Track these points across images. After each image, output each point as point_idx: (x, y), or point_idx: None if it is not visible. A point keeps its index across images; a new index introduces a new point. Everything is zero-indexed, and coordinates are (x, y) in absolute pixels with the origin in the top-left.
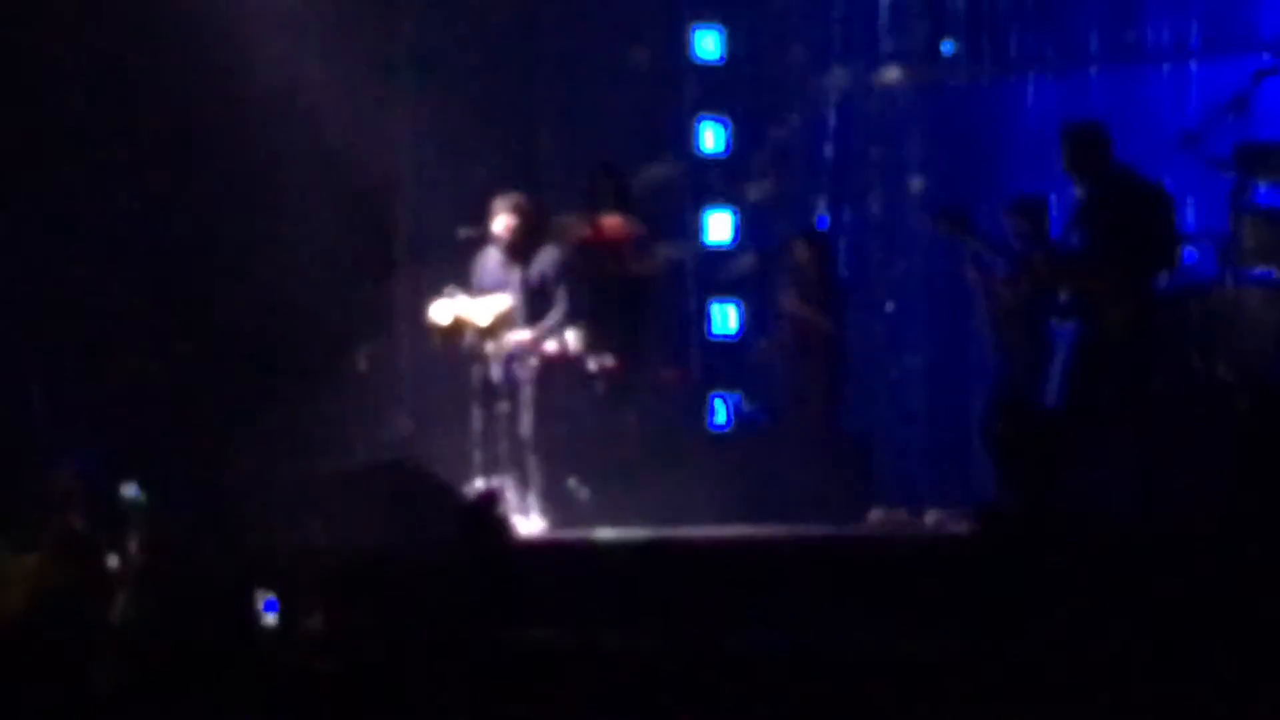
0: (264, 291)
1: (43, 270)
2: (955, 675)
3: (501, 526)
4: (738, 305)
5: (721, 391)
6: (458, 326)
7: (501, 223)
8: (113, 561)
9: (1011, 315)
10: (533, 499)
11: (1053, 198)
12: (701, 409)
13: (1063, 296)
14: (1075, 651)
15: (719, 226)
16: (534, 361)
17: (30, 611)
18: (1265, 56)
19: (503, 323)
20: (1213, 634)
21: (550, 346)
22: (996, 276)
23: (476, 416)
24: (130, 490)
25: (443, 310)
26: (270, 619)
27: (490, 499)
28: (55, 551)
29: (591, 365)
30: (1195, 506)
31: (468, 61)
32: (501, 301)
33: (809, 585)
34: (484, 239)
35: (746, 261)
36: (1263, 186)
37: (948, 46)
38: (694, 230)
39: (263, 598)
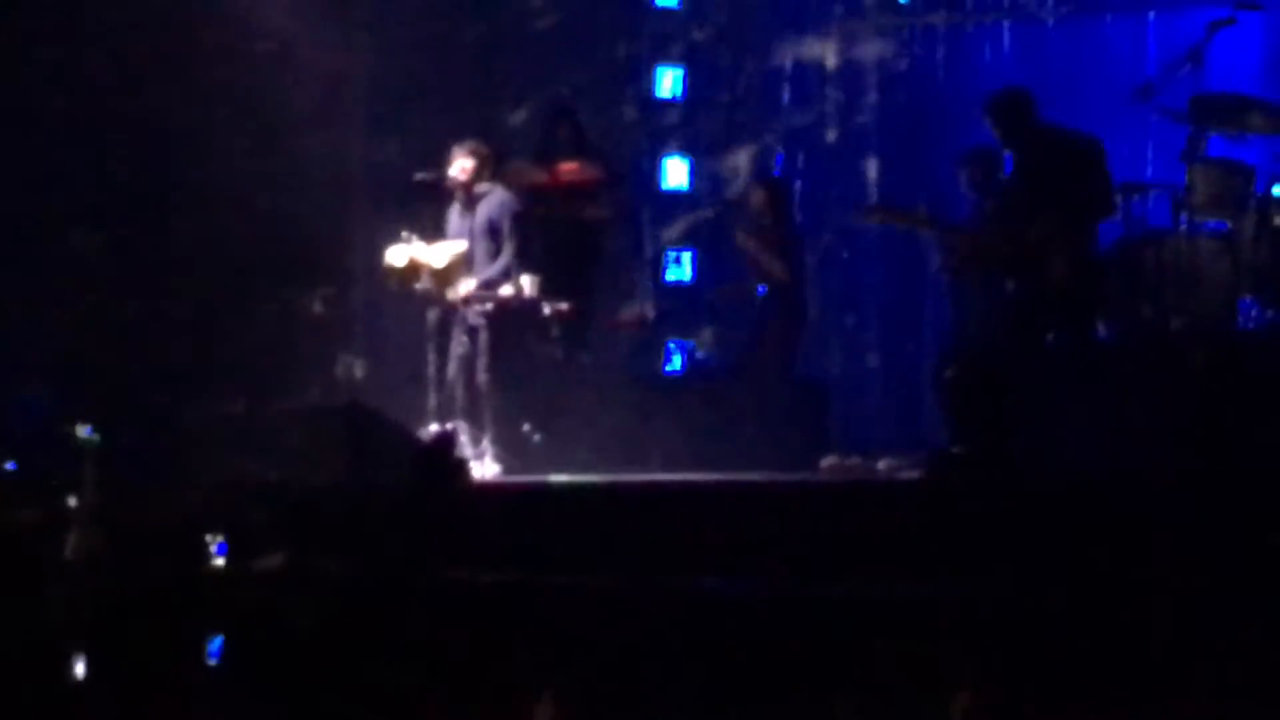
0: (219, 232)
1: None
2: (907, 619)
3: (458, 470)
4: (693, 252)
5: (676, 338)
6: (413, 270)
7: (458, 167)
8: (70, 500)
9: (965, 265)
10: (487, 443)
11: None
12: (656, 355)
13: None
14: (1024, 597)
15: (675, 172)
16: (488, 306)
17: None
18: (1220, 8)
19: (457, 267)
20: (1161, 583)
21: (504, 291)
22: (951, 231)
23: (431, 361)
24: (84, 430)
25: (398, 254)
26: (219, 560)
27: (446, 442)
28: None
29: (546, 310)
30: (1145, 455)
31: (426, 4)
32: (456, 246)
33: (761, 531)
34: (440, 183)
35: (703, 209)
36: (1217, 138)
37: None
38: (651, 175)
39: (213, 540)
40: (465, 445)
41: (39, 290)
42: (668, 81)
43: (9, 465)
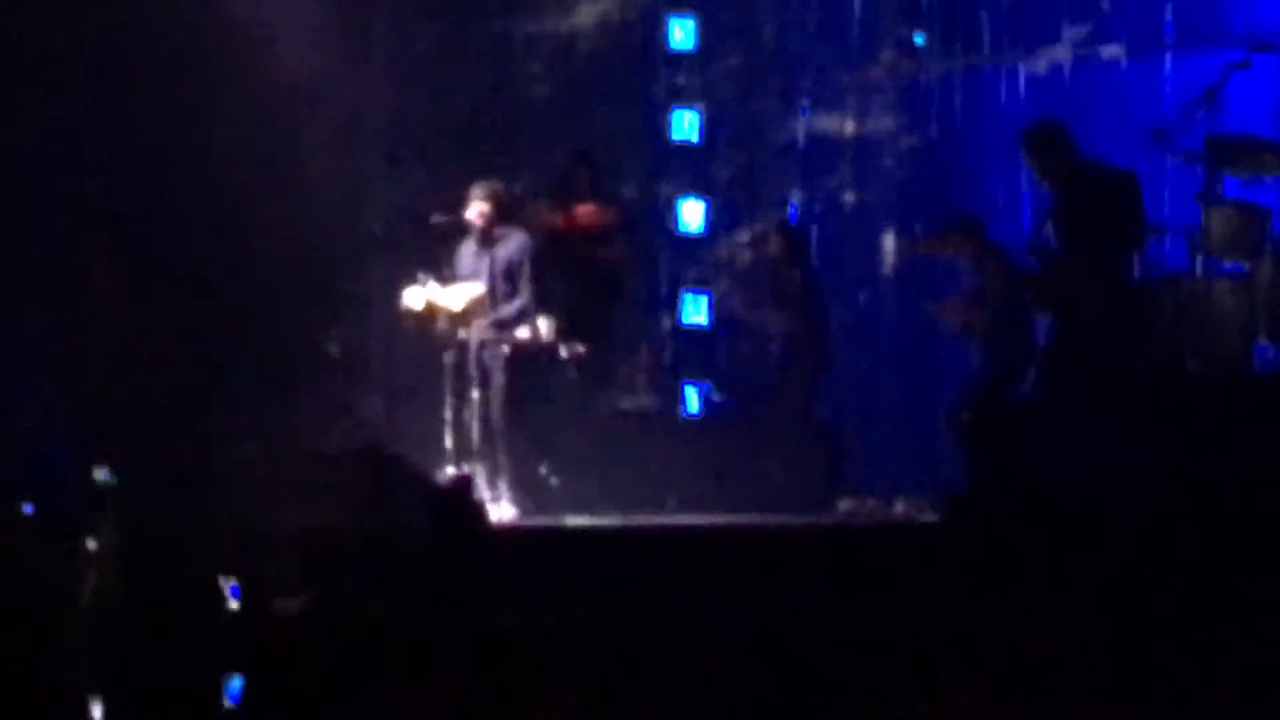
0: (236, 275)
1: (16, 257)
2: (922, 658)
3: (477, 513)
4: (709, 295)
5: (692, 379)
6: (430, 312)
7: (475, 209)
8: (90, 544)
9: (998, 318)
10: (503, 486)
11: (1026, 192)
12: (673, 397)
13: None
14: (1040, 636)
15: (692, 215)
16: (505, 349)
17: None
18: (1236, 50)
19: (475, 309)
20: (1177, 621)
21: (521, 334)
22: (960, 303)
23: (448, 403)
24: (102, 473)
25: (415, 296)
26: (233, 603)
27: (464, 486)
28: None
29: (563, 352)
30: (1163, 494)
31: (444, 47)
32: (474, 288)
33: (777, 573)
34: (458, 226)
35: (719, 250)
36: (1232, 180)
37: (920, 38)
38: (668, 218)
39: (226, 583)
40: (482, 487)
41: (58, 333)
42: (684, 124)
43: (27, 508)
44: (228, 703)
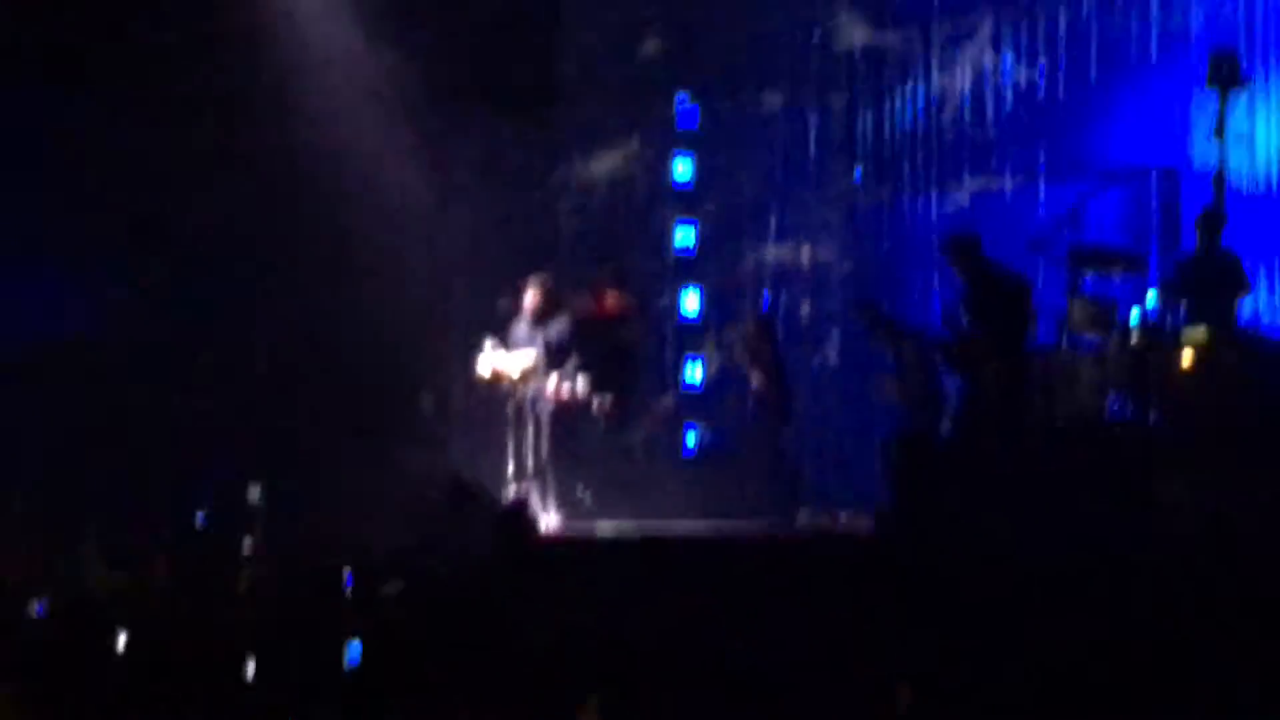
0: (359, 352)
1: (198, 327)
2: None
3: (531, 528)
4: (703, 362)
5: (690, 423)
6: (496, 377)
7: (530, 297)
8: (245, 546)
9: (908, 378)
10: (550, 501)
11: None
12: (676, 438)
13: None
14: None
15: (690, 303)
16: (551, 402)
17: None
18: (1091, 181)
19: (529, 373)
20: (1047, 618)
21: (563, 392)
22: (886, 379)
23: (510, 441)
24: (254, 493)
25: (485, 364)
26: (349, 589)
27: (521, 506)
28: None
29: (594, 406)
30: (1043, 514)
31: (510, 179)
32: (528, 356)
33: (749, 567)
34: (517, 309)
35: (711, 331)
36: (1088, 277)
37: (858, 173)
38: (672, 306)
39: (345, 573)
40: (535, 501)
41: (227, 398)
42: (684, 236)
43: (200, 518)
44: (348, 664)
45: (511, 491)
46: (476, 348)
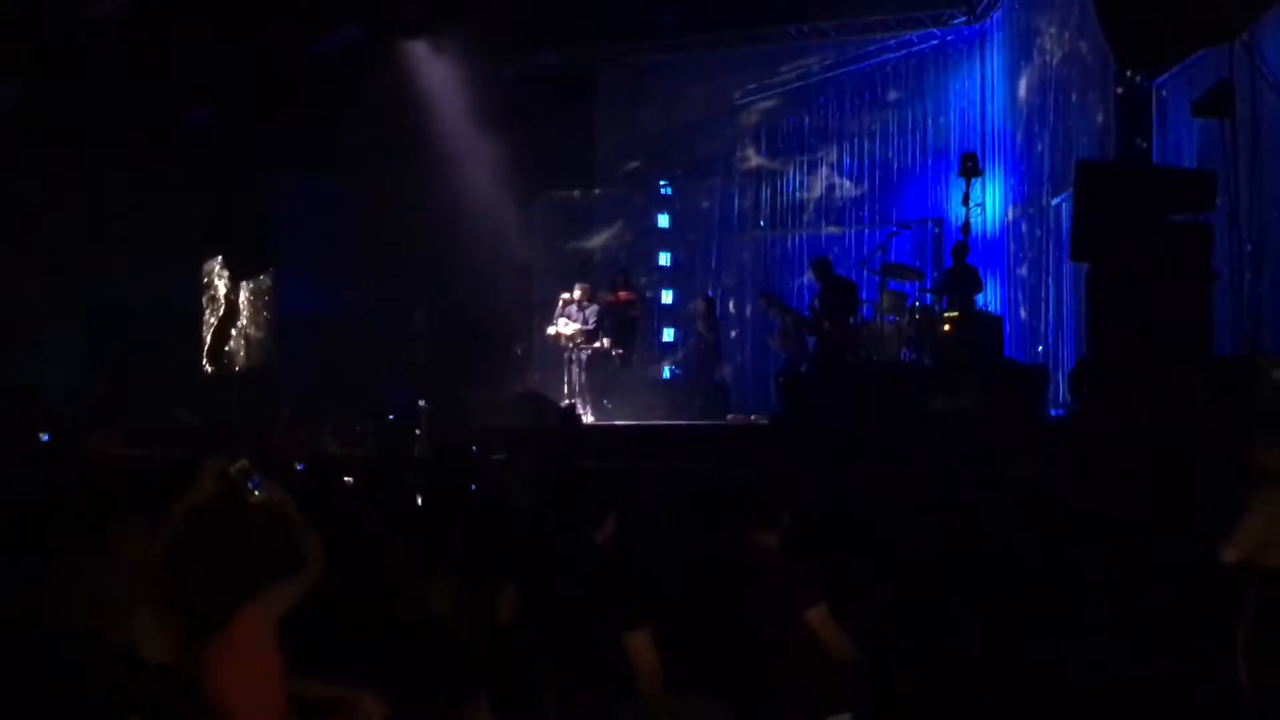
0: (484, 322)
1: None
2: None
3: (577, 419)
4: (674, 329)
5: (665, 364)
6: (557, 337)
7: (577, 292)
8: (417, 433)
9: (789, 336)
10: (587, 407)
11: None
12: (658, 370)
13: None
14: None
15: (667, 297)
16: (588, 352)
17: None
18: (893, 227)
19: (576, 335)
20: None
21: (595, 345)
22: (777, 336)
23: (566, 373)
24: (421, 403)
25: (551, 329)
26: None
27: (571, 409)
28: None
29: (614, 354)
30: (863, 421)
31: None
32: (575, 325)
33: (698, 443)
34: (570, 296)
35: (680, 311)
36: (891, 281)
37: (762, 223)
38: (656, 298)
39: (471, 447)
40: (579, 407)
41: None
42: (664, 258)
43: (390, 418)
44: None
45: (566, 401)
46: (547, 320)
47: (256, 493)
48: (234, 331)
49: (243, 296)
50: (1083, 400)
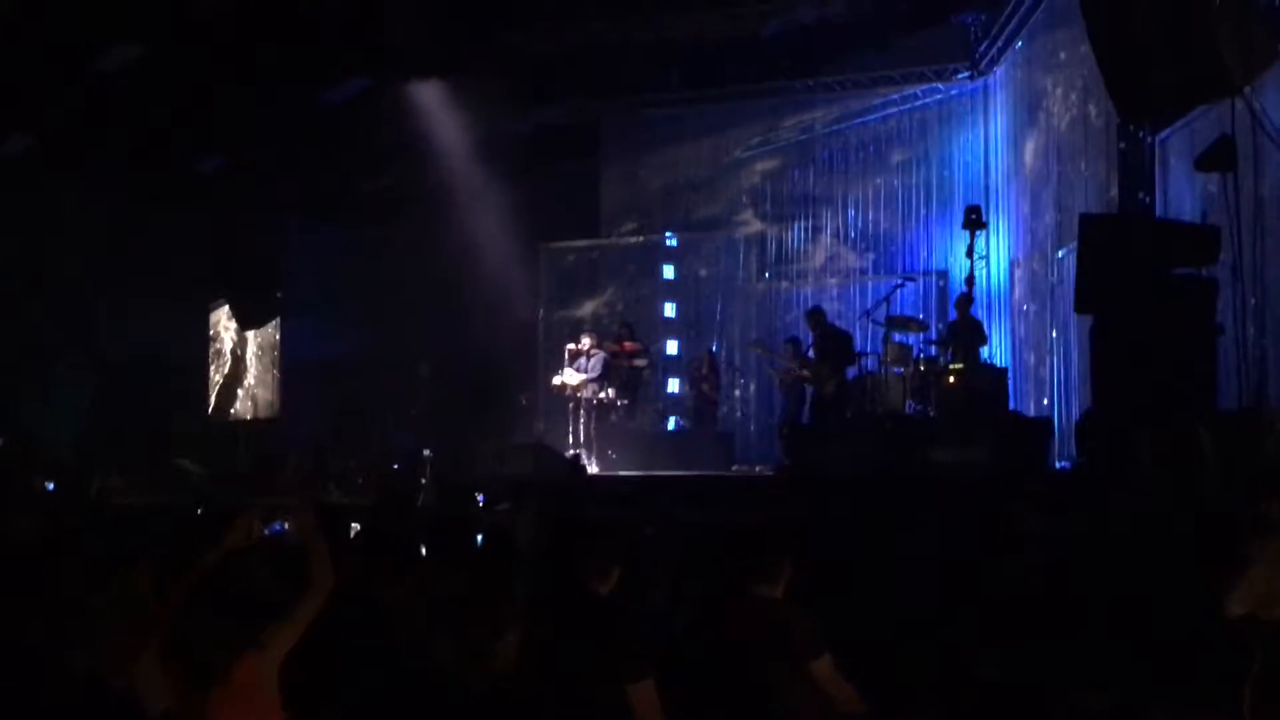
0: (486, 369)
1: (397, 353)
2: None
3: (583, 470)
4: (679, 380)
5: (670, 414)
6: (563, 387)
7: (584, 342)
8: (422, 481)
9: (788, 386)
10: (592, 457)
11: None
12: (663, 423)
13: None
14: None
15: (671, 348)
16: (595, 402)
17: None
18: (896, 278)
19: (582, 385)
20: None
21: (601, 396)
22: (781, 372)
23: (571, 423)
24: (426, 451)
25: (558, 379)
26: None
27: (577, 459)
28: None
29: (619, 404)
30: (866, 469)
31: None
32: (580, 376)
33: (703, 493)
34: (577, 347)
35: (686, 362)
36: (896, 333)
37: (766, 275)
38: (662, 349)
39: (477, 495)
40: (585, 457)
41: (402, 399)
42: (670, 310)
43: (395, 466)
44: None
45: (571, 451)
46: (553, 370)
47: (283, 532)
48: (240, 379)
49: (250, 346)
50: (1087, 453)
